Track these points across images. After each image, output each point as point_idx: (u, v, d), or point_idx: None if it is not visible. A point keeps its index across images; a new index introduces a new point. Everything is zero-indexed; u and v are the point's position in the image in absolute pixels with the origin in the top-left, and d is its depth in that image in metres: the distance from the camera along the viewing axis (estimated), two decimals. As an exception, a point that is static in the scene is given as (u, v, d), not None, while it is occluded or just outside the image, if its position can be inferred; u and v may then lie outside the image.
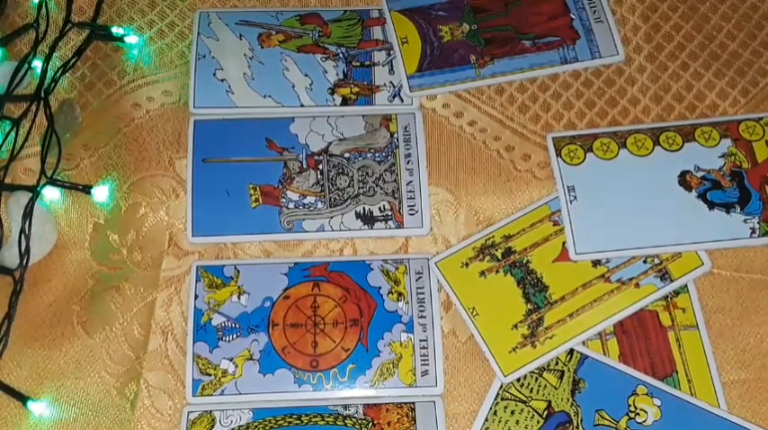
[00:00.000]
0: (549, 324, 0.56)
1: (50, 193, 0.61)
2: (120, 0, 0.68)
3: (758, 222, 0.58)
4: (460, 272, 0.58)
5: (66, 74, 0.65)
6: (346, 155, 0.62)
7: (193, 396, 0.55)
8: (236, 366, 0.56)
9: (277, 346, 0.56)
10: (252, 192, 0.60)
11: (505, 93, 0.65)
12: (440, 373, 0.56)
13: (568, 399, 0.54)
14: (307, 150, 0.62)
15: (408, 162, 0.62)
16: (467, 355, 0.57)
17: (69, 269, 0.60)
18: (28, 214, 0.59)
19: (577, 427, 0.54)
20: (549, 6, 0.66)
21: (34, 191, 0.60)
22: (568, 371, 0.55)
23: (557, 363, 0.56)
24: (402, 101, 0.64)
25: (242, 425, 0.55)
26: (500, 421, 0.54)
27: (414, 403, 0.55)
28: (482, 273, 0.58)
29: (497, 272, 0.58)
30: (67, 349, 0.58)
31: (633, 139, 0.61)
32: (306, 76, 0.64)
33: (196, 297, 0.58)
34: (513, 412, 0.54)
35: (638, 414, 0.54)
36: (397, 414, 0.55)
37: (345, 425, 0.54)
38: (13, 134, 0.63)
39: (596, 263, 0.58)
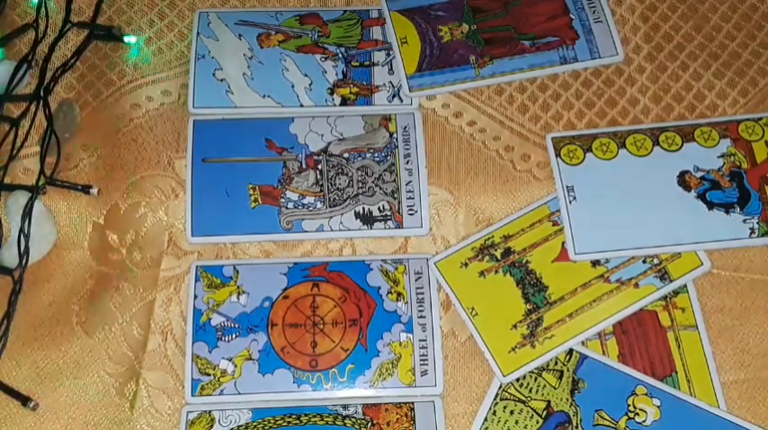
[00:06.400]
0: (549, 324, 0.56)
1: (50, 193, 0.61)
2: (120, 0, 0.68)
3: (757, 222, 0.58)
4: (460, 272, 0.58)
5: (66, 74, 0.65)
6: (346, 155, 0.62)
7: (192, 396, 0.55)
8: (236, 366, 0.56)
9: (276, 346, 0.56)
10: (251, 192, 0.60)
11: (505, 93, 0.65)
12: (439, 373, 0.56)
13: (568, 399, 0.54)
14: (306, 150, 0.62)
15: (408, 162, 0.62)
16: (466, 355, 0.57)
17: (68, 269, 0.60)
18: (27, 214, 0.59)
19: (577, 427, 0.54)
20: (549, 6, 0.66)
21: (33, 191, 0.60)
22: (568, 371, 0.55)
23: (556, 363, 0.56)
24: (401, 101, 0.64)
25: (241, 425, 0.55)
26: (499, 421, 0.54)
27: (413, 403, 0.55)
28: (481, 273, 0.58)
29: (497, 272, 0.58)
30: (67, 349, 0.58)
31: (632, 140, 0.61)
32: (305, 76, 0.64)
33: (195, 297, 0.58)
34: (512, 412, 0.54)
35: (637, 414, 0.54)
36: (397, 414, 0.55)
37: (345, 424, 0.54)
38: (12, 134, 0.63)
39: (596, 263, 0.58)
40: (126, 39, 0.66)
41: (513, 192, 0.61)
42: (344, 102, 0.64)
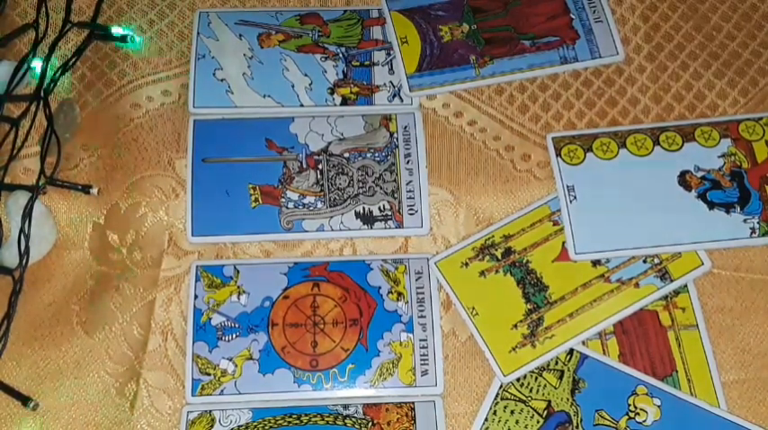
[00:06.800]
0: (549, 324, 0.56)
1: (50, 193, 0.61)
2: (120, 0, 0.68)
3: (758, 222, 0.58)
4: (460, 271, 0.58)
5: (66, 74, 0.65)
6: (346, 154, 0.62)
7: (193, 396, 0.55)
8: (236, 366, 0.56)
9: (276, 346, 0.56)
10: (251, 191, 0.60)
11: (505, 93, 0.65)
12: (439, 373, 0.56)
13: (568, 399, 0.54)
14: (306, 150, 0.62)
15: (408, 162, 0.62)
16: (466, 355, 0.57)
17: (69, 269, 0.60)
18: (27, 214, 0.59)
19: (577, 427, 0.54)
20: (549, 6, 0.66)
21: (34, 191, 0.60)
22: (568, 370, 0.55)
23: (556, 363, 0.56)
24: (402, 101, 0.64)
25: (241, 425, 0.55)
26: (500, 421, 0.54)
27: (413, 403, 0.55)
28: (482, 273, 0.58)
29: (497, 271, 0.58)
30: (67, 349, 0.58)
31: (633, 139, 0.61)
32: (305, 75, 0.64)
33: (196, 297, 0.58)
34: (512, 412, 0.54)
35: (637, 414, 0.53)
36: (397, 413, 0.55)
37: (345, 424, 0.54)
38: (12, 134, 0.63)
39: (596, 262, 0.58)
40: (126, 39, 0.66)
41: (514, 192, 0.61)
42: (345, 101, 0.64)
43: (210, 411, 0.55)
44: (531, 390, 0.55)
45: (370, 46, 0.66)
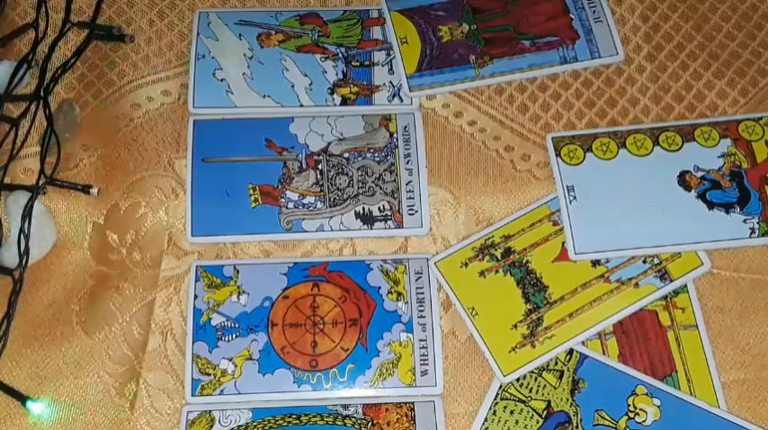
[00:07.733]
0: (549, 324, 0.56)
1: (50, 193, 0.61)
2: (120, 0, 0.68)
3: (757, 222, 0.58)
4: (460, 272, 0.58)
5: (66, 74, 0.65)
6: (346, 155, 0.62)
7: (193, 396, 0.55)
8: (236, 366, 0.56)
9: (276, 346, 0.56)
10: (251, 191, 0.60)
11: (505, 92, 0.65)
12: (439, 373, 0.56)
13: (568, 399, 0.54)
14: (306, 150, 0.62)
15: (408, 162, 0.62)
16: (466, 355, 0.57)
17: (68, 269, 0.60)
18: (27, 214, 0.59)
19: (577, 427, 0.54)
20: (549, 6, 0.66)
21: (34, 191, 0.60)
22: (568, 370, 0.55)
23: (556, 363, 0.56)
24: (401, 101, 0.64)
25: (241, 425, 0.55)
26: (499, 421, 0.54)
27: (413, 403, 0.55)
28: (481, 273, 0.58)
29: (497, 272, 0.58)
30: (67, 349, 0.58)
31: (633, 139, 0.61)
32: (305, 75, 0.64)
33: (195, 297, 0.58)
34: (512, 412, 0.54)
35: (637, 414, 0.54)
36: (397, 414, 0.55)
37: (345, 424, 0.54)
38: (12, 134, 0.63)
39: (596, 263, 0.58)
40: (125, 39, 0.66)
41: (514, 192, 0.61)
42: (344, 102, 0.64)
43: (210, 411, 0.55)
44: (530, 391, 0.55)
45: (369, 46, 0.66)
